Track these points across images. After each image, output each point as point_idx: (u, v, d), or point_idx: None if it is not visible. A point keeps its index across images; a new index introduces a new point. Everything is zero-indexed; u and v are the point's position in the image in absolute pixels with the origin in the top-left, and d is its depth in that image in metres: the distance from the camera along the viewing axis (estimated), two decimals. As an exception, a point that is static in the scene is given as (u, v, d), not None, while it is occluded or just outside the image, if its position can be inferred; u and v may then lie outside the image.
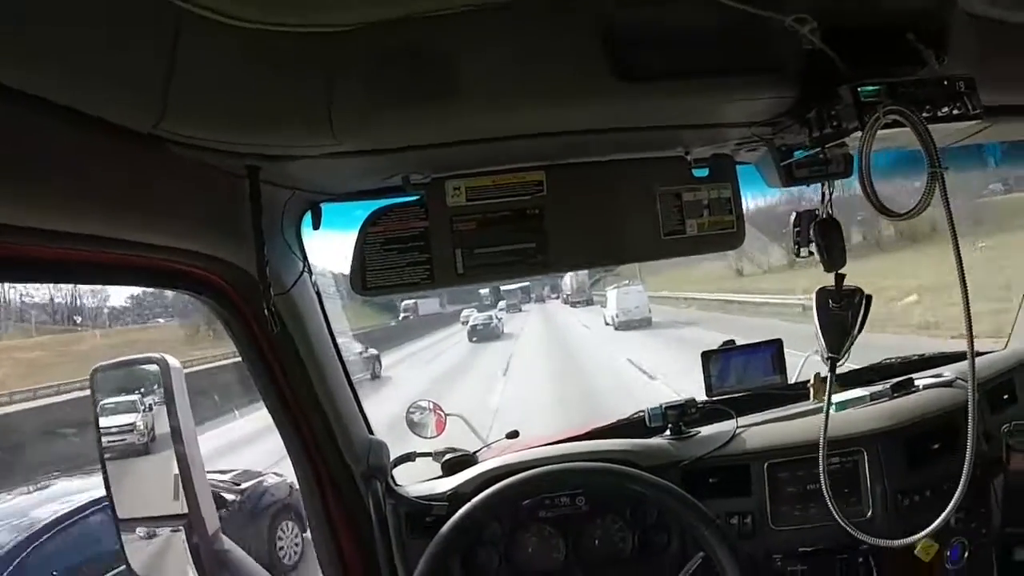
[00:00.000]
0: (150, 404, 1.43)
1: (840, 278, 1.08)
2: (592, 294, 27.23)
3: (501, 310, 24.85)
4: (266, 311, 0.92)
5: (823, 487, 1.05)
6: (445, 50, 0.77)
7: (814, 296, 1.09)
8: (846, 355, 1.08)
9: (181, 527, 1.32)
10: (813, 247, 1.14)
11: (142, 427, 1.47)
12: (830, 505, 1.05)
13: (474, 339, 17.91)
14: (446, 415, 1.45)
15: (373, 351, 13.29)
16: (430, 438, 1.43)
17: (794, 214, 1.14)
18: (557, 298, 32.59)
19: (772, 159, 1.12)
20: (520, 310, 30.16)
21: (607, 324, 17.52)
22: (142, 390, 1.46)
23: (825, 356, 1.07)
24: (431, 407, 1.46)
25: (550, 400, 8.47)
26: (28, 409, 11.24)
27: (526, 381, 10.71)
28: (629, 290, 17.19)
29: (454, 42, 0.77)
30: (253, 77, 0.71)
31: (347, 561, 1.20)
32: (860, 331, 1.07)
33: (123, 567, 1.40)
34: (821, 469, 1.06)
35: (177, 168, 0.79)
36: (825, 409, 1.07)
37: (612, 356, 11.85)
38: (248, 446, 7.06)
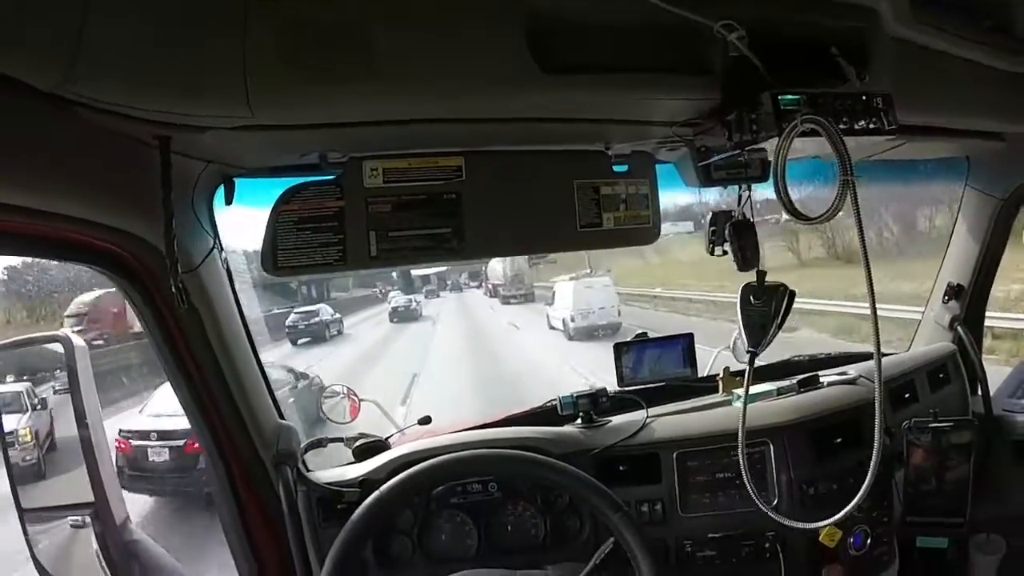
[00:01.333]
0: (41, 399, 1.30)
1: (762, 275, 1.12)
2: (531, 287, 20.96)
3: (420, 294, 24.38)
4: (173, 288, 0.91)
5: (743, 473, 1.11)
6: (365, 27, 0.77)
7: (739, 292, 1.13)
8: (764, 349, 1.12)
9: (88, 516, 1.28)
10: (727, 246, 1.21)
11: (28, 437, 1.32)
12: (750, 490, 1.10)
13: (395, 320, 18.57)
14: (360, 400, 1.45)
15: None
16: (344, 423, 1.43)
17: (710, 213, 1.19)
18: (478, 287, 26.43)
19: (691, 159, 1.17)
20: (438, 295, 27.22)
21: (553, 328, 13.56)
22: (30, 376, 1.33)
23: (745, 349, 1.12)
24: (345, 392, 1.46)
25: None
26: None
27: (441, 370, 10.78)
28: (592, 283, 13.07)
29: (374, 20, 0.77)
30: (167, 40, 0.70)
31: (259, 549, 1.18)
32: (781, 326, 1.11)
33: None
34: (740, 457, 1.11)
35: (84, 133, 0.77)
36: (744, 400, 1.13)
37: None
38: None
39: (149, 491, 5.08)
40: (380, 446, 1.29)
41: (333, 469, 1.27)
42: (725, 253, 1.18)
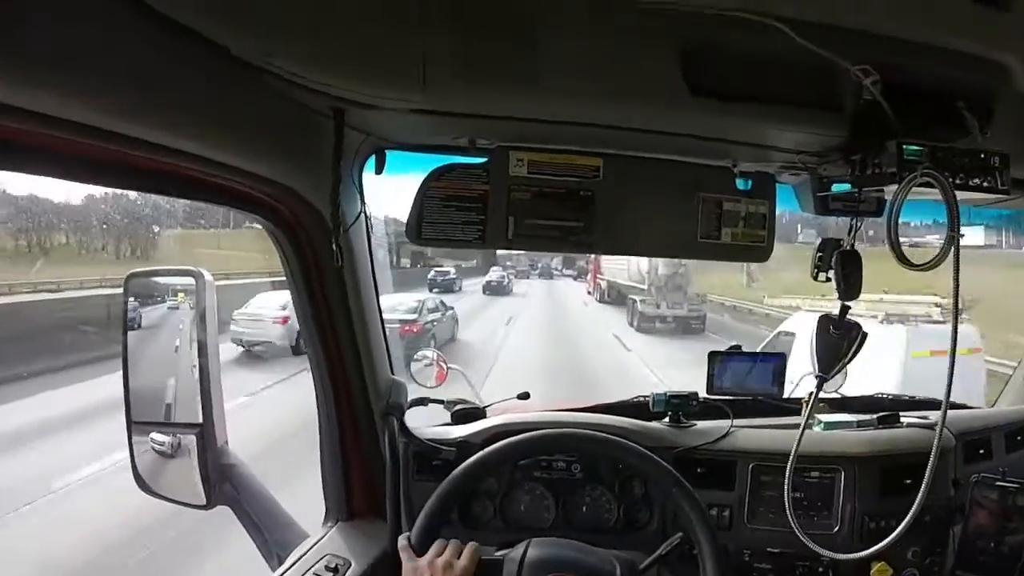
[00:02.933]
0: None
1: (845, 309, 1.16)
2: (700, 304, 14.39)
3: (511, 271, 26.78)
4: (334, 246, 0.99)
5: (786, 497, 1.15)
6: (535, 36, 0.82)
7: (817, 321, 1.18)
8: (832, 377, 1.19)
9: (193, 435, 1.38)
10: (831, 274, 1.23)
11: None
12: (788, 513, 1.15)
13: (487, 292, 21.41)
14: (447, 367, 1.52)
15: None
16: (430, 387, 1.50)
17: (819, 239, 1.22)
18: (575, 278, 25.42)
19: (811, 187, 1.20)
20: (528, 277, 29.18)
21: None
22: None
23: (815, 374, 1.17)
24: (435, 358, 1.52)
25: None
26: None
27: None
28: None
29: (545, 30, 0.82)
30: (356, 24, 0.77)
31: (352, 491, 1.27)
32: (851, 360, 1.17)
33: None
34: (787, 478, 1.15)
35: (271, 100, 0.85)
36: (803, 422, 1.17)
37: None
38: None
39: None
40: (477, 413, 1.36)
41: (431, 427, 1.35)
42: (829, 280, 1.22)
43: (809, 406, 1.16)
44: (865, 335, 1.16)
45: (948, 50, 0.83)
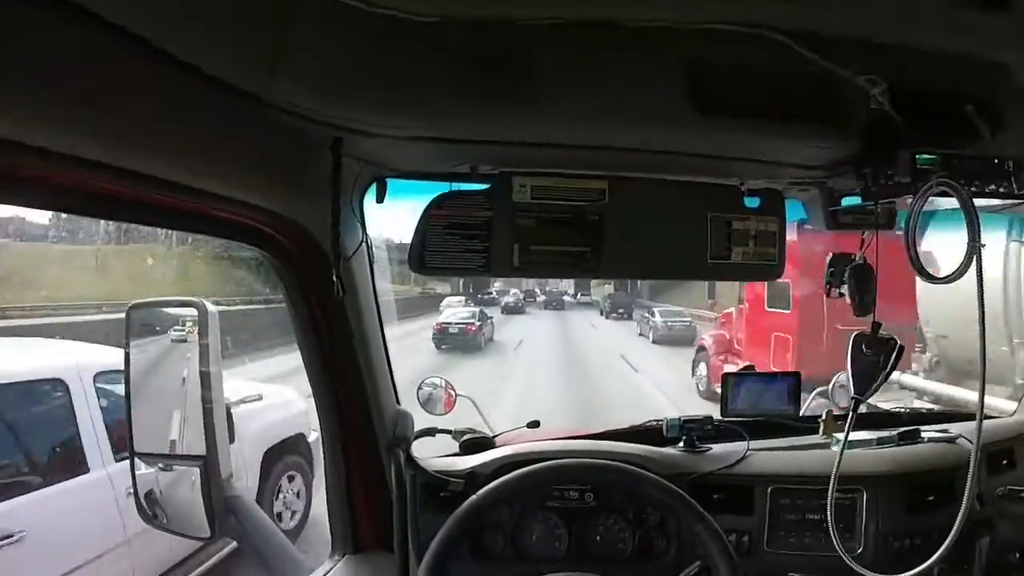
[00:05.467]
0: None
1: (877, 326, 1.12)
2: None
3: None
4: (334, 276, 0.97)
5: (828, 518, 1.10)
6: (532, 58, 0.80)
7: (851, 340, 1.13)
8: (868, 397, 1.12)
9: (197, 467, 1.36)
10: (844, 288, 1.20)
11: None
12: (832, 535, 1.10)
13: (504, 312, 23.87)
14: (456, 395, 1.49)
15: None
16: (439, 415, 1.47)
17: (830, 255, 1.19)
18: (621, 316, 22.70)
19: (821, 202, 1.17)
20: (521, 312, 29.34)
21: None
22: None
23: (851, 396, 1.12)
24: (443, 385, 1.50)
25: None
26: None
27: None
28: None
29: (541, 52, 0.80)
30: (354, 55, 0.75)
31: (359, 523, 1.24)
32: (887, 377, 1.11)
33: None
34: (829, 501, 1.10)
35: (270, 131, 0.83)
36: (842, 445, 1.12)
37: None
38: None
39: (447, 348, 12.77)
40: (486, 443, 1.33)
41: (438, 458, 1.32)
42: (842, 295, 1.19)
43: (847, 428, 1.12)
44: (902, 348, 1.12)
45: (953, 54, 0.81)
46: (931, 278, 0.93)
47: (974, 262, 0.87)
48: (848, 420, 1.11)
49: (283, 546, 1.29)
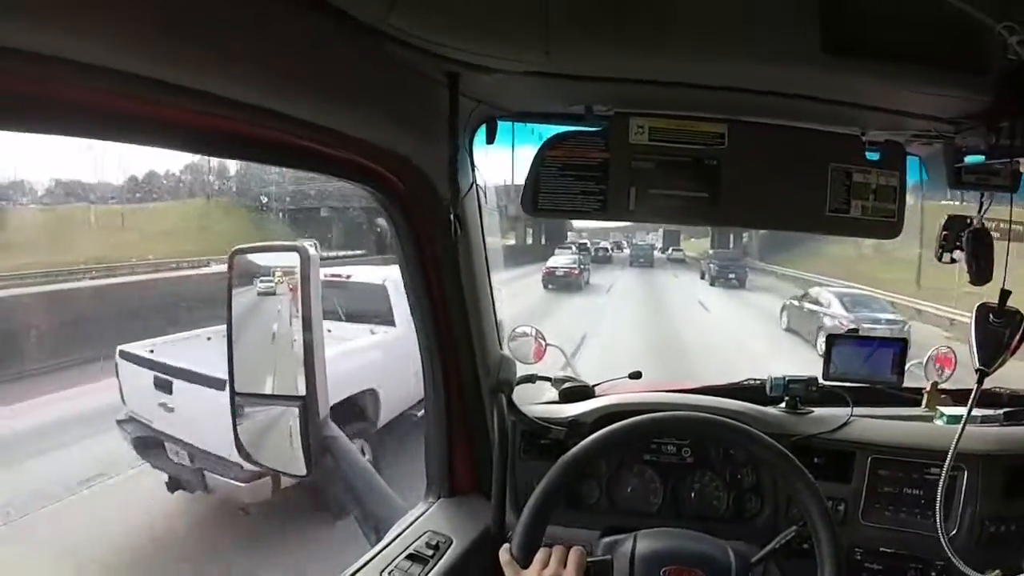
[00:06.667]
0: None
1: (1006, 295, 1.07)
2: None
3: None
4: (452, 216, 0.98)
5: (938, 496, 1.07)
6: None
7: (974, 310, 1.09)
8: (994, 370, 1.08)
9: (296, 407, 1.42)
10: (958, 254, 1.13)
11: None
12: (938, 516, 1.06)
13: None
14: (546, 344, 1.49)
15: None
16: (529, 364, 1.48)
17: (946, 216, 1.13)
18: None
19: (945, 158, 1.10)
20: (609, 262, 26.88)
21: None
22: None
23: (976, 367, 1.07)
24: (533, 334, 1.50)
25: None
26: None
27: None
28: None
29: None
30: None
31: (455, 468, 1.27)
32: (1014, 352, 1.06)
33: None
34: (942, 479, 1.07)
35: (387, 65, 0.83)
36: (964, 420, 1.07)
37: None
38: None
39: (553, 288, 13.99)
40: (586, 391, 1.33)
41: (539, 405, 1.33)
42: (954, 261, 1.12)
43: (971, 401, 1.07)
44: None
45: None
46: None
47: None
48: (972, 394, 1.06)
49: (379, 486, 1.34)
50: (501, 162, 1.18)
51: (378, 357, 4.35)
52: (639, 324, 10.75)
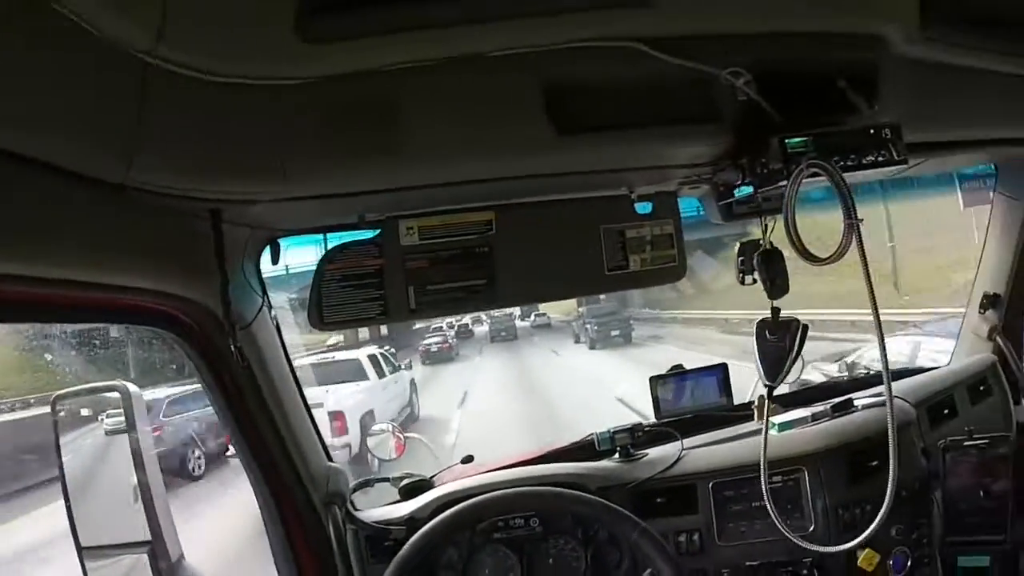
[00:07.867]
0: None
1: (776, 311, 1.14)
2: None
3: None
4: (232, 348, 0.96)
5: (767, 503, 1.12)
6: (392, 103, 0.81)
7: (755, 327, 1.16)
8: (780, 383, 1.15)
9: (145, 553, 1.33)
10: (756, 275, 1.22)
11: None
12: (774, 518, 1.11)
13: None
14: (405, 437, 1.49)
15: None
16: (389, 460, 1.46)
17: (738, 244, 1.20)
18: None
19: (714, 197, 1.18)
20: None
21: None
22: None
23: (764, 383, 1.14)
24: (391, 430, 1.49)
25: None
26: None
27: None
28: None
29: (401, 96, 0.81)
30: (214, 128, 0.75)
31: None
32: (796, 359, 1.13)
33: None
34: (763, 487, 1.12)
35: (143, 214, 0.82)
36: (764, 432, 1.14)
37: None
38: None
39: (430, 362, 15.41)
40: (425, 485, 1.32)
41: (380, 508, 1.31)
42: (755, 282, 1.21)
43: (765, 417, 1.14)
44: (806, 327, 1.14)
45: (819, 34, 0.83)
46: (815, 259, 0.94)
47: (854, 239, 0.89)
48: (765, 407, 1.13)
49: None
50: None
51: (366, 394, 7.54)
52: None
